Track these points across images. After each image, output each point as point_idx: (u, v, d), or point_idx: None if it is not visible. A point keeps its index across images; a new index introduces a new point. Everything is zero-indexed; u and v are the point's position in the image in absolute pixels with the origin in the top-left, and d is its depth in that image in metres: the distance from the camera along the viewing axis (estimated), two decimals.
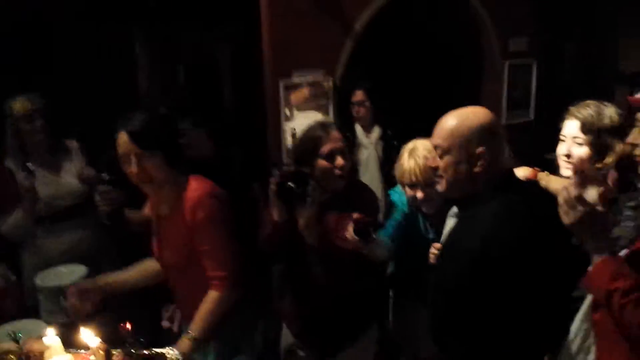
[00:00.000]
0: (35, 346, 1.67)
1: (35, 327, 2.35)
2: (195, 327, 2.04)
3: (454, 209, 1.92)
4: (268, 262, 2.43)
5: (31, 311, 2.51)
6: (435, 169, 1.79)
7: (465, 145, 1.72)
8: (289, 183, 2.07)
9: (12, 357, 1.60)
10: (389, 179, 3.22)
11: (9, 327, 2.28)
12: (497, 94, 4.53)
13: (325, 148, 2.18)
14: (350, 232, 2.01)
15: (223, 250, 2.08)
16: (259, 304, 2.32)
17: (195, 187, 2.10)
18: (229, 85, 4.35)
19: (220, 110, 4.24)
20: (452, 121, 1.77)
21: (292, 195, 2.09)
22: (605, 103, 2.14)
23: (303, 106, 3.46)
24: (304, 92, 3.43)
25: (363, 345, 2.40)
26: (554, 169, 2.23)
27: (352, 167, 2.32)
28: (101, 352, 1.52)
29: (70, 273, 2.60)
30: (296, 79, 3.41)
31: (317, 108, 3.56)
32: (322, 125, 2.27)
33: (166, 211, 2.15)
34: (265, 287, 2.64)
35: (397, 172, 2.46)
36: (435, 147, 1.78)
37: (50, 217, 2.83)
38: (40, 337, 1.69)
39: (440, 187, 1.81)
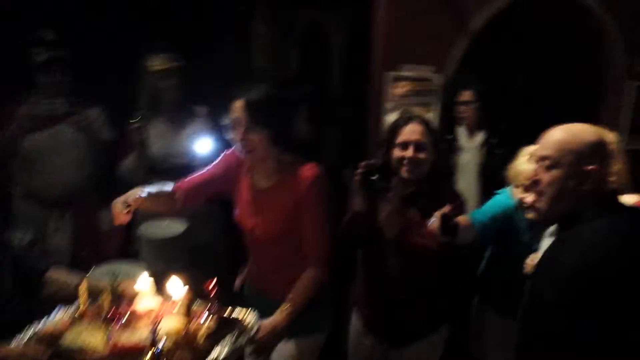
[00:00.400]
0: (129, 288, 1.82)
1: (133, 270, 2.58)
2: (291, 302, 2.12)
3: (552, 228, 1.85)
4: (347, 246, 2.47)
5: (133, 255, 2.75)
6: (537, 182, 1.70)
7: (577, 160, 1.64)
8: (373, 175, 2.10)
9: (107, 294, 1.74)
10: (487, 188, 3.14)
11: (110, 267, 2.53)
12: (617, 115, 4.19)
13: (401, 138, 2.22)
14: (435, 225, 2.01)
15: (325, 232, 2.15)
16: (333, 286, 2.37)
17: (308, 167, 2.15)
18: (338, 70, 4.39)
19: (326, 92, 4.30)
20: (565, 134, 1.69)
21: (375, 188, 2.11)
22: None
23: (407, 101, 3.44)
24: (410, 86, 3.41)
25: (431, 343, 2.41)
26: None
27: (436, 166, 2.28)
28: (184, 302, 1.64)
29: (170, 228, 2.81)
30: (404, 72, 3.40)
31: (422, 105, 3.53)
32: (405, 116, 2.30)
33: (266, 184, 2.19)
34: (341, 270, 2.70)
35: (510, 173, 2.44)
36: (543, 158, 1.69)
37: (164, 171, 2.99)
38: (134, 281, 1.84)
39: (540, 203, 1.71)
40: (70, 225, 2.67)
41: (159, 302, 1.81)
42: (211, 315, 1.73)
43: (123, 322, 1.69)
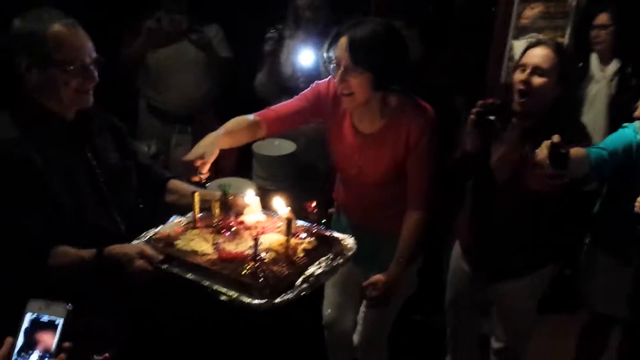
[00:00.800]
0: (238, 201, 1.93)
1: (246, 186, 2.73)
2: (403, 252, 2.13)
3: None
4: (455, 179, 2.42)
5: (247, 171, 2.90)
6: None
7: None
8: (490, 116, 1.99)
9: (217, 205, 1.86)
10: (616, 122, 2.89)
11: (225, 181, 2.68)
12: None
13: (522, 60, 2.09)
14: (544, 154, 1.83)
15: (433, 175, 2.10)
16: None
17: (418, 112, 2.06)
18: None
19: (447, 14, 4.08)
20: None
21: (490, 129, 2.02)
22: None
23: (536, 24, 3.19)
24: (540, 8, 3.15)
25: (533, 281, 2.35)
26: None
27: (561, 99, 2.11)
28: (287, 220, 1.71)
29: (282, 148, 2.91)
30: None
31: (553, 29, 3.26)
32: (532, 41, 2.16)
33: (371, 129, 2.10)
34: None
35: None
36: None
37: (293, 89, 3.04)
38: (243, 195, 1.94)
39: None
40: (191, 141, 2.82)
41: (264, 217, 1.90)
42: (311, 234, 1.81)
43: (231, 231, 1.80)
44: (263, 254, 1.66)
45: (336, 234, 1.88)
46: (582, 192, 2.50)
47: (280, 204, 1.85)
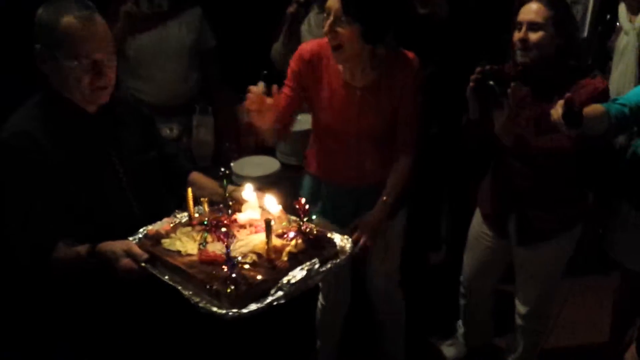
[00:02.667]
0: (238, 195, 1.91)
1: (267, 163, 2.71)
2: (390, 194, 2.23)
3: None
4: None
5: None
6: None
7: None
8: (490, 81, 1.97)
9: (206, 202, 1.85)
10: None
11: (248, 160, 2.68)
12: None
13: (518, 18, 2.08)
14: (558, 112, 1.83)
15: (419, 119, 2.17)
16: None
17: (407, 61, 2.13)
18: None
19: None
20: None
21: (489, 94, 1.98)
22: None
23: None
24: None
25: (559, 244, 2.31)
26: None
27: (564, 49, 2.08)
28: (265, 221, 1.66)
29: (306, 122, 2.81)
30: None
31: None
32: None
33: (363, 82, 2.12)
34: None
35: None
36: None
37: None
38: (242, 189, 1.91)
39: None
40: (213, 121, 2.82)
41: (259, 215, 1.87)
42: (301, 235, 1.75)
43: (222, 231, 1.78)
44: (240, 258, 1.63)
45: (333, 235, 1.82)
46: (609, 147, 2.47)
47: (271, 202, 1.81)
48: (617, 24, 2.99)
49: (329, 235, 1.81)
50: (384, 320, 2.72)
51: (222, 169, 2.15)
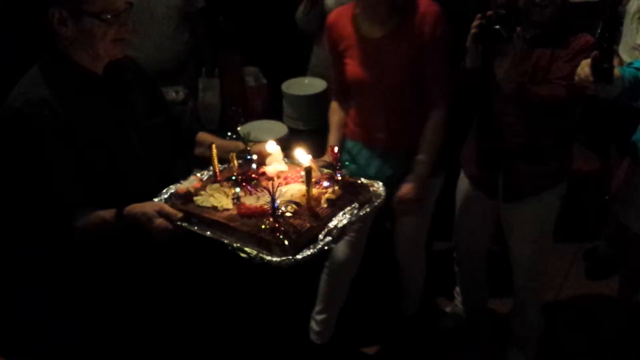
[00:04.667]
0: (262, 149, 1.85)
1: (275, 127, 2.65)
2: (428, 152, 2.19)
3: None
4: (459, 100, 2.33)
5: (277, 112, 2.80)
6: None
7: None
8: (497, 26, 1.92)
9: (234, 157, 1.78)
10: None
11: (252, 125, 2.61)
12: None
13: None
14: (585, 71, 1.82)
15: (448, 70, 2.13)
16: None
17: (428, 3, 2.09)
18: None
19: None
20: None
21: (496, 39, 1.93)
22: None
23: None
24: None
25: (546, 199, 2.30)
26: None
27: (565, 5, 2.09)
28: (305, 169, 1.61)
29: (313, 86, 2.78)
30: None
31: None
32: None
33: (381, 32, 2.10)
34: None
35: None
36: None
37: None
38: (264, 144, 1.85)
39: None
40: (219, 84, 2.73)
41: (286, 167, 1.82)
42: (335, 182, 1.71)
43: (252, 184, 1.73)
44: (283, 207, 1.58)
45: (364, 180, 1.79)
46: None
47: (302, 153, 1.76)
48: None
49: (360, 181, 1.77)
50: (406, 281, 2.73)
51: (229, 133, 2.10)
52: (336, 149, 1.73)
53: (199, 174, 1.85)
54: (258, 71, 2.86)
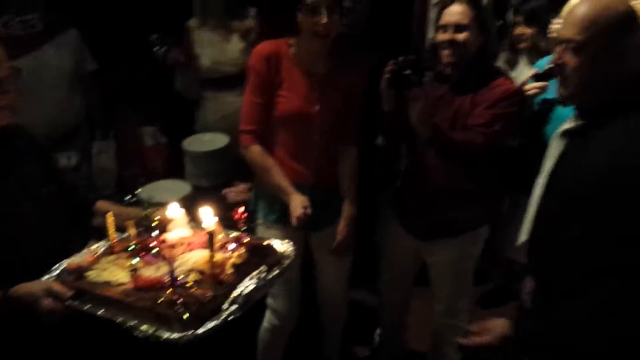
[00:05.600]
0: (162, 215, 1.75)
1: (177, 187, 2.55)
2: (352, 188, 2.27)
3: (565, 126, 1.56)
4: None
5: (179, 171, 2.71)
6: (561, 67, 1.46)
7: (607, 37, 1.38)
8: (406, 71, 1.98)
9: (132, 225, 1.68)
10: None
11: (153, 185, 2.50)
12: None
13: (442, 20, 2.11)
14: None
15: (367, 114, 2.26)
16: None
17: (360, 50, 2.26)
18: None
19: None
20: (589, 7, 1.40)
21: (407, 84, 1.98)
22: None
23: None
24: None
25: (468, 241, 2.34)
26: None
27: (485, 49, 2.13)
28: (209, 233, 1.54)
29: (214, 142, 2.73)
30: None
31: None
32: (446, 0, 2.17)
33: (325, 69, 2.16)
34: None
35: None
36: (567, 41, 1.43)
37: (215, 81, 2.91)
38: (166, 208, 1.76)
39: (564, 89, 1.49)
40: (114, 146, 2.61)
41: (190, 231, 1.73)
42: (241, 245, 1.64)
43: (151, 253, 1.63)
44: (184, 277, 1.48)
45: (272, 242, 1.73)
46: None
47: (208, 214, 1.67)
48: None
49: (267, 242, 1.72)
50: (329, 326, 2.69)
51: (128, 197, 2.00)
52: (241, 209, 1.67)
53: (94, 246, 1.73)
54: (156, 130, 2.78)
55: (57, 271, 1.60)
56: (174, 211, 1.74)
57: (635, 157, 1.33)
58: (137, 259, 1.57)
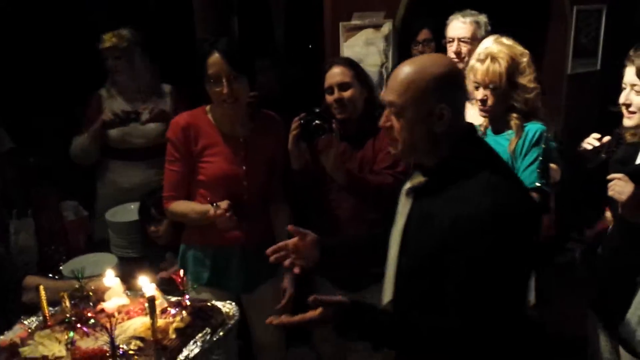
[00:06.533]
0: (96, 285, 1.71)
1: (103, 260, 2.47)
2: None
3: (408, 185, 1.60)
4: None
5: (104, 245, 2.63)
6: (390, 129, 1.52)
7: (424, 100, 1.43)
8: (315, 121, 2.10)
9: (66, 297, 1.62)
10: None
11: (79, 259, 2.41)
12: (563, 40, 4.19)
13: (326, 83, 2.27)
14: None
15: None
16: None
17: (268, 111, 2.31)
18: (282, 31, 4.33)
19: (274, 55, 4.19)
20: (410, 70, 1.47)
21: (319, 133, 2.09)
22: None
23: (363, 50, 3.29)
24: (362, 37, 3.25)
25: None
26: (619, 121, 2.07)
27: (372, 99, 2.29)
28: (148, 299, 1.52)
29: (133, 213, 2.67)
30: (356, 20, 3.24)
31: (376, 52, 3.42)
32: (329, 61, 2.37)
33: (245, 132, 2.21)
34: None
35: None
36: (389, 104, 1.50)
37: (124, 152, 2.84)
38: (101, 278, 1.72)
39: (394, 149, 1.55)
40: (33, 224, 2.51)
41: (127, 299, 1.70)
42: (183, 309, 1.63)
43: (88, 324, 1.58)
44: (125, 346, 1.45)
45: (216, 303, 1.73)
46: None
47: (145, 281, 1.66)
48: None
49: (211, 303, 1.71)
50: None
51: (50, 275, 1.95)
52: (182, 272, 1.66)
53: (26, 322, 1.64)
54: (77, 204, 2.70)
55: None
56: (110, 280, 1.70)
57: (472, 207, 1.36)
58: (73, 332, 1.52)
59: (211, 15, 3.64)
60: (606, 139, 2.17)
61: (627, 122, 2.01)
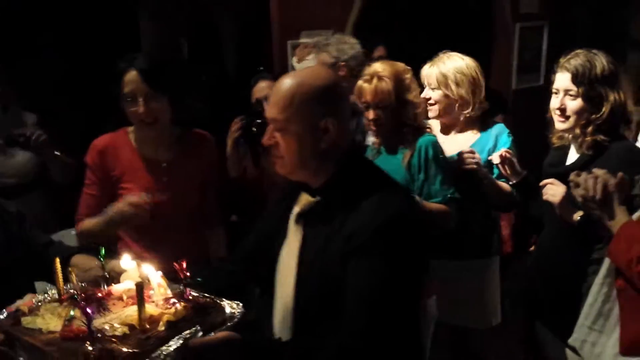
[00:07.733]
0: (115, 266, 1.75)
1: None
2: None
3: (297, 210, 1.53)
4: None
5: None
6: (275, 146, 1.46)
7: (307, 116, 1.38)
8: (257, 120, 2.10)
9: (74, 274, 1.68)
10: None
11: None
12: (507, 57, 4.39)
13: (253, 97, 2.44)
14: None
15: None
16: None
17: (203, 133, 2.27)
18: (233, 54, 4.40)
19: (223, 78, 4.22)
20: (289, 86, 1.41)
21: (260, 132, 1.97)
22: (595, 51, 2.06)
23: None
24: (309, 52, 3.05)
25: None
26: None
27: None
28: (136, 286, 1.51)
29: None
30: (304, 39, 3.29)
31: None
32: (255, 77, 2.43)
33: (169, 156, 2.15)
34: None
35: None
36: (272, 121, 1.44)
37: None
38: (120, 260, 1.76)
39: (280, 168, 1.48)
40: None
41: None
42: (184, 302, 1.60)
43: (94, 304, 1.61)
44: (108, 328, 1.45)
45: (224, 302, 1.66)
46: None
47: (151, 270, 1.66)
48: None
49: (217, 301, 1.66)
50: None
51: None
52: (184, 264, 1.63)
53: (51, 292, 1.73)
54: None
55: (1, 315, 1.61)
56: (126, 263, 1.73)
57: (365, 225, 1.34)
58: (73, 310, 1.56)
59: (159, 38, 3.70)
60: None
61: (561, 125, 2.07)
